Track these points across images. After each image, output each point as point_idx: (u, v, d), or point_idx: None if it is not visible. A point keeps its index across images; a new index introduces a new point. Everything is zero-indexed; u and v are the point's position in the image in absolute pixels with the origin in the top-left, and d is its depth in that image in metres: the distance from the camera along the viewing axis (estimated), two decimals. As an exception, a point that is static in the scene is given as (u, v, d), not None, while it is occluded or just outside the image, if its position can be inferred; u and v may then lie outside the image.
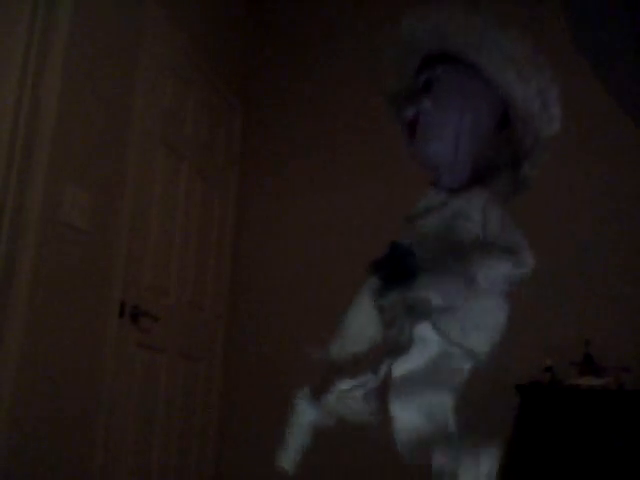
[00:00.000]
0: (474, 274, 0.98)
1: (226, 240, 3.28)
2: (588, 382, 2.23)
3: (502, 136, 1.12)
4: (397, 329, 1.04)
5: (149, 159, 2.63)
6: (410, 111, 1.11)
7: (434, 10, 1.10)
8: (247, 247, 3.32)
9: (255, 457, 3.00)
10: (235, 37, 3.46)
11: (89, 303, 2.26)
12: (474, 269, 0.98)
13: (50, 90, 2.12)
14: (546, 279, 2.58)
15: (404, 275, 1.01)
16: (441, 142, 1.10)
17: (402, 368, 0.99)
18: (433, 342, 0.99)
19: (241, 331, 3.20)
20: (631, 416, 2.14)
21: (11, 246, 1.98)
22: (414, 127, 1.11)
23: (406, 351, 0.99)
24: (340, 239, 3.10)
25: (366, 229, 3.04)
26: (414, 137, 1.12)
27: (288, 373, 3.00)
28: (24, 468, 1.95)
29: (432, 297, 0.98)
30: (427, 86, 1.11)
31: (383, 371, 1.01)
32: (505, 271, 0.98)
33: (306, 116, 3.37)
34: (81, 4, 2.24)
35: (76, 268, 2.20)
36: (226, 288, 3.25)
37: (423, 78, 1.12)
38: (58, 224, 2.11)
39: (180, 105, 2.91)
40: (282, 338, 3.09)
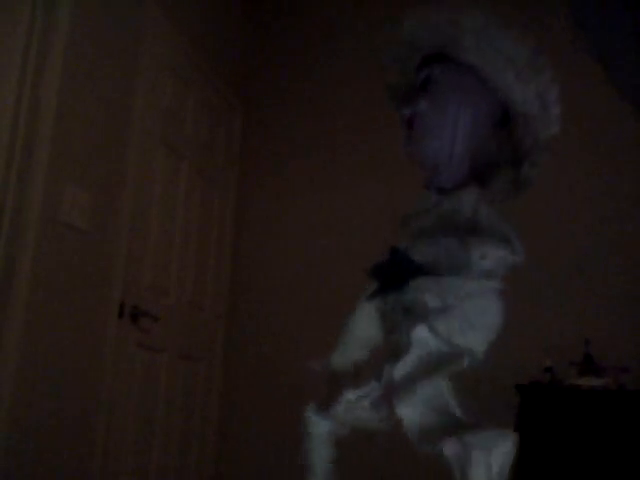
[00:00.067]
0: (471, 255, 0.99)
1: (226, 240, 3.28)
2: (588, 382, 2.23)
3: (502, 135, 1.13)
4: (397, 333, 1.05)
5: (149, 159, 2.63)
6: (407, 110, 1.13)
7: (434, 11, 1.11)
8: (247, 247, 3.32)
9: (255, 457, 3.00)
10: (235, 37, 3.46)
11: (89, 303, 2.26)
12: (471, 251, 0.99)
13: (50, 90, 2.12)
14: (546, 279, 2.59)
15: (399, 278, 1.03)
16: (437, 141, 1.11)
17: (402, 371, 0.99)
18: (431, 343, 0.99)
19: (241, 331, 3.20)
20: (631, 416, 2.14)
21: (11, 246, 1.98)
22: (411, 125, 1.13)
23: (405, 354, 0.99)
24: (340, 239, 3.10)
25: (366, 229, 3.04)
26: (411, 135, 1.13)
27: (288, 373, 3.00)
28: (24, 468, 1.95)
29: (428, 299, 1.00)
30: (424, 85, 1.13)
31: (385, 377, 1.02)
32: (501, 254, 0.99)
33: (306, 116, 3.37)
34: (81, 4, 2.24)
35: (76, 268, 2.20)
36: (226, 288, 3.25)
37: (421, 77, 1.14)
38: (58, 224, 2.11)
39: (180, 105, 2.91)
40: (282, 338, 3.09)
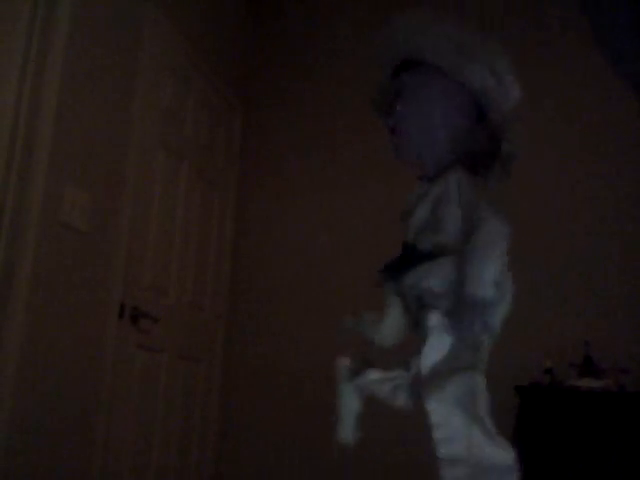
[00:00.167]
0: (453, 245, 1.05)
1: (226, 240, 3.28)
2: (588, 384, 2.23)
3: (478, 124, 1.18)
4: (419, 325, 1.09)
5: (149, 159, 2.63)
6: (390, 120, 1.21)
7: (391, 21, 1.19)
8: (247, 247, 3.32)
9: (255, 457, 3.00)
10: (235, 37, 3.45)
11: (89, 304, 2.26)
12: (451, 241, 1.05)
13: (50, 90, 2.12)
14: (546, 280, 2.59)
15: (404, 266, 1.10)
16: (417, 136, 1.18)
17: (428, 362, 1.02)
18: (449, 327, 1.02)
19: (241, 331, 3.20)
20: (631, 418, 2.13)
21: (11, 247, 1.98)
22: (394, 132, 1.22)
23: (424, 344, 1.03)
24: (340, 239, 3.10)
25: (366, 229, 3.04)
26: (396, 140, 1.21)
27: (288, 373, 3.01)
28: (24, 468, 1.95)
29: (435, 285, 1.04)
30: (398, 93, 1.20)
31: (414, 368, 1.06)
32: (489, 228, 1.01)
33: (306, 116, 3.36)
34: (81, 4, 2.24)
35: (76, 269, 2.20)
36: (226, 288, 3.25)
37: (393, 87, 1.21)
38: (58, 225, 2.11)
39: (180, 105, 2.91)
40: (282, 338, 3.09)
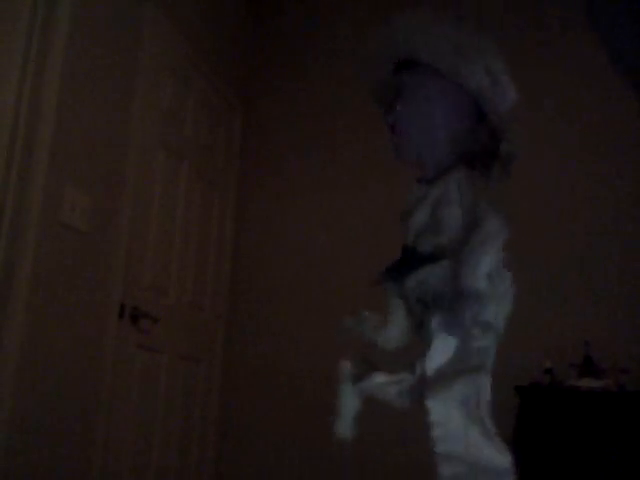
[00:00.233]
0: (453, 246, 1.04)
1: (226, 240, 3.28)
2: (588, 384, 2.23)
3: (478, 124, 1.17)
4: (423, 326, 1.09)
5: (149, 159, 2.63)
6: (390, 118, 1.20)
7: (390, 20, 1.18)
8: (247, 247, 3.32)
9: (255, 457, 3.00)
10: (235, 37, 3.45)
11: (89, 304, 2.26)
12: (451, 242, 1.05)
13: (50, 90, 2.11)
14: (546, 280, 2.59)
15: (406, 268, 1.09)
16: (417, 136, 1.18)
17: (433, 364, 1.02)
18: (453, 328, 1.02)
19: (241, 331, 3.20)
20: (631, 418, 2.13)
21: (11, 247, 1.98)
22: (394, 131, 1.20)
23: (430, 346, 1.02)
24: (340, 239, 3.10)
25: (366, 229, 3.04)
26: (395, 140, 1.20)
27: (288, 373, 3.01)
28: (24, 468, 1.95)
29: (435, 286, 1.04)
30: (398, 92, 1.19)
31: (418, 371, 1.05)
32: (488, 228, 1.01)
33: (306, 116, 3.36)
34: (80, 4, 2.24)
35: (76, 269, 2.20)
36: (226, 288, 3.24)
37: (394, 86, 1.21)
38: (58, 225, 2.11)
39: (180, 105, 2.91)
40: (282, 338, 3.09)
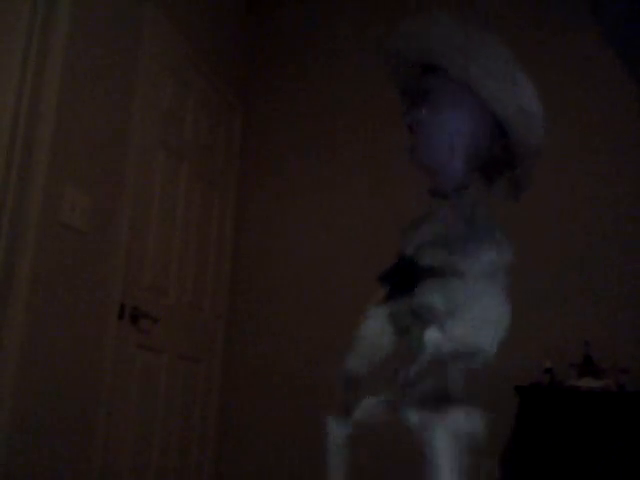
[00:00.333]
0: (461, 267, 1.04)
1: (226, 240, 3.28)
2: (588, 383, 2.23)
3: (500, 144, 1.17)
4: (409, 337, 1.09)
5: (149, 159, 2.63)
6: (409, 118, 1.18)
7: (424, 24, 1.16)
8: (247, 247, 3.32)
9: (255, 457, 3.00)
10: (235, 37, 3.45)
11: (89, 304, 2.26)
12: (460, 262, 1.05)
13: (50, 90, 2.12)
14: (546, 280, 2.59)
15: (407, 283, 1.09)
16: (436, 147, 1.16)
17: (416, 372, 1.04)
18: (443, 345, 1.03)
19: (241, 331, 3.20)
20: (631, 418, 2.13)
21: (11, 247, 1.98)
22: (412, 133, 1.18)
23: (419, 357, 1.03)
24: (340, 239, 3.10)
25: (365, 229, 3.04)
26: (413, 142, 1.18)
27: (288, 373, 3.01)
28: (24, 468, 1.95)
29: (436, 302, 1.04)
30: (424, 95, 1.17)
31: (401, 380, 1.06)
32: (488, 258, 1.04)
33: (306, 116, 3.36)
34: (80, 4, 2.24)
35: (76, 269, 2.20)
36: (226, 288, 3.24)
37: (421, 87, 1.18)
38: (58, 225, 2.11)
39: (180, 105, 2.91)
40: (282, 338, 3.09)
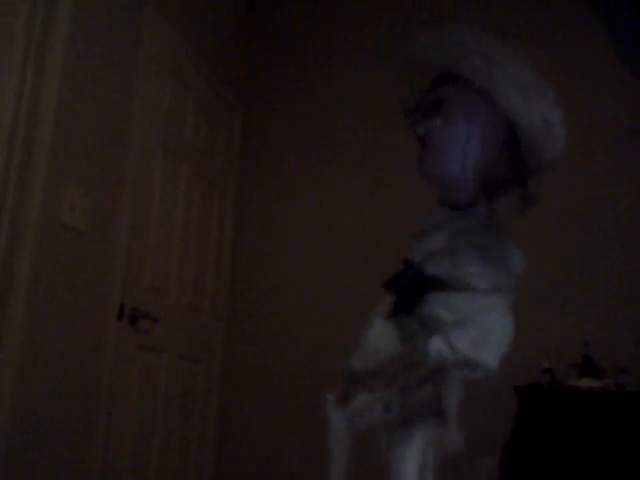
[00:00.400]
0: (468, 280, 1.05)
1: (226, 241, 3.28)
2: (587, 384, 2.23)
3: (509, 154, 1.16)
4: (413, 344, 1.09)
5: (148, 160, 2.63)
6: (421, 129, 1.17)
7: (447, 33, 1.15)
8: (246, 248, 3.32)
9: (255, 457, 3.00)
10: (235, 37, 3.45)
11: (88, 305, 2.26)
12: (467, 275, 1.05)
13: (49, 90, 2.12)
14: (545, 280, 2.58)
15: (415, 294, 1.09)
16: (450, 158, 1.15)
17: (416, 378, 1.04)
18: (446, 355, 1.04)
19: (241, 332, 3.20)
20: (630, 418, 2.13)
21: (11, 248, 1.98)
22: (424, 144, 1.18)
23: (421, 364, 1.04)
24: (340, 239, 3.10)
25: (365, 229, 3.04)
26: (424, 153, 1.18)
27: (288, 373, 3.01)
28: (24, 468, 1.96)
29: (442, 313, 1.05)
30: (438, 105, 1.17)
31: (401, 384, 1.06)
32: (496, 273, 1.05)
33: (306, 116, 3.36)
34: (80, 4, 2.24)
35: (75, 270, 2.20)
36: (225, 289, 3.24)
37: (435, 97, 1.18)
38: (57, 226, 2.11)
39: (179, 105, 2.91)
40: (282, 338, 3.09)
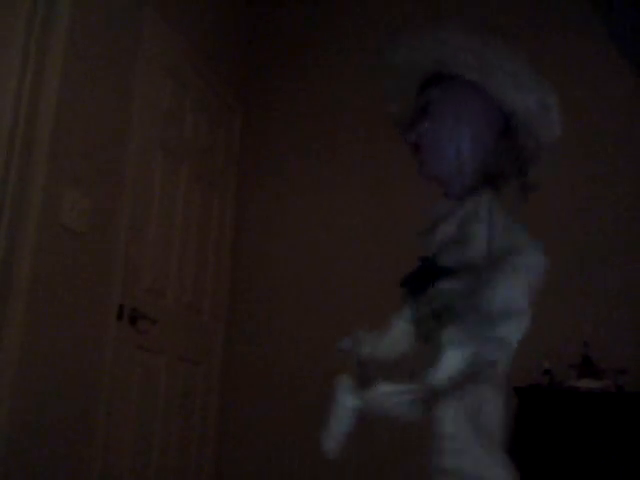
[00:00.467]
0: (478, 266, 1.04)
1: (225, 242, 3.28)
2: (587, 384, 2.22)
3: (506, 144, 1.16)
4: (432, 339, 1.09)
5: (148, 161, 2.63)
6: (412, 136, 1.18)
7: (431, 32, 1.15)
8: (246, 249, 3.32)
9: (255, 457, 3.00)
10: (234, 38, 3.45)
11: (88, 305, 2.26)
12: (477, 261, 1.05)
13: (49, 90, 2.12)
14: (545, 280, 2.57)
15: (426, 281, 1.09)
16: (443, 156, 1.16)
17: (442, 374, 1.02)
18: (465, 343, 1.02)
19: (240, 333, 3.20)
20: (630, 419, 2.13)
21: (10, 248, 1.99)
22: (418, 149, 1.19)
23: (439, 358, 1.02)
24: (340, 239, 3.10)
25: (365, 229, 3.04)
26: (420, 158, 1.19)
27: (288, 374, 3.00)
28: (24, 469, 1.96)
29: (455, 302, 1.05)
30: (424, 109, 1.17)
31: (428, 380, 1.04)
32: (520, 292, 1.04)
33: (306, 116, 3.36)
34: (79, 4, 2.24)
35: (75, 270, 2.20)
36: (225, 290, 3.24)
37: (421, 102, 1.18)
38: (57, 227, 2.11)
39: (179, 106, 2.91)
40: (281, 340, 3.09)
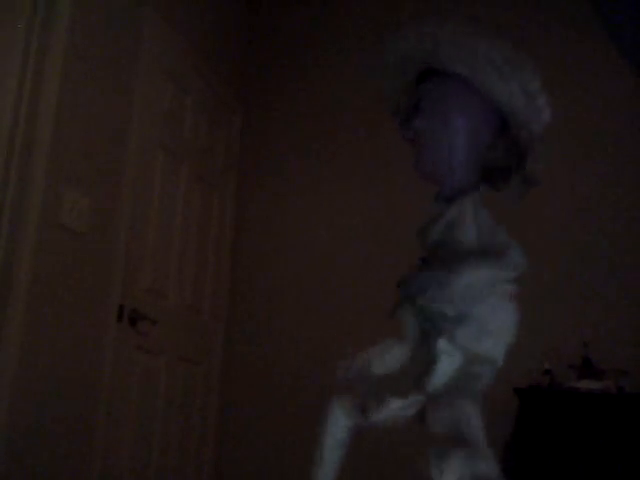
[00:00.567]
0: (464, 272, 1.04)
1: (225, 242, 3.28)
2: (587, 385, 2.22)
3: (504, 139, 1.16)
4: (427, 347, 1.09)
5: (148, 160, 2.63)
6: (407, 133, 1.19)
7: (415, 28, 1.15)
8: (246, 249, 3.31)
9: (255, 457, 2.99)
10: (234, 38, 3.45)
11: (88, 306, 2.26)
12: (463, 268, 1.04)
13: (49, 91, 2.12)
14: (545, 281, 2.58)
15: (417, 287, 1.09)
16: (435, 154, 1.15)
17: (437, 380, 1.03)
18: (454, 355, 1.04)
19: (240, 334, 3.19)
20: (630, 419, 2.13)
21: (10, 249, 1.99)
22: (414, 143, 1.19)
23: (433, 367, 1.03)
24: (340, 239, 3.10)
25: (366, 229, 3.04)
26: (416, 152, 1.18)
27: (287, 375, 3.00)
28: (24, 469, 1.96)
29: (446, 309, 1.04)
30: (419, 104, 1.17)
31: (425, 388, 1.05)
32: (485, 277, 1.03)
33: (306, 116, 3.36)
34: (80, 5, 2.24)
35: (75, 271, 2.20)
36: (225, 290, 3.24)
37: (414, 99, 1.18)
38: (57, 227, 2.11)
39: (179, 106, 2.91)
40: (281, 340, 3.09)
